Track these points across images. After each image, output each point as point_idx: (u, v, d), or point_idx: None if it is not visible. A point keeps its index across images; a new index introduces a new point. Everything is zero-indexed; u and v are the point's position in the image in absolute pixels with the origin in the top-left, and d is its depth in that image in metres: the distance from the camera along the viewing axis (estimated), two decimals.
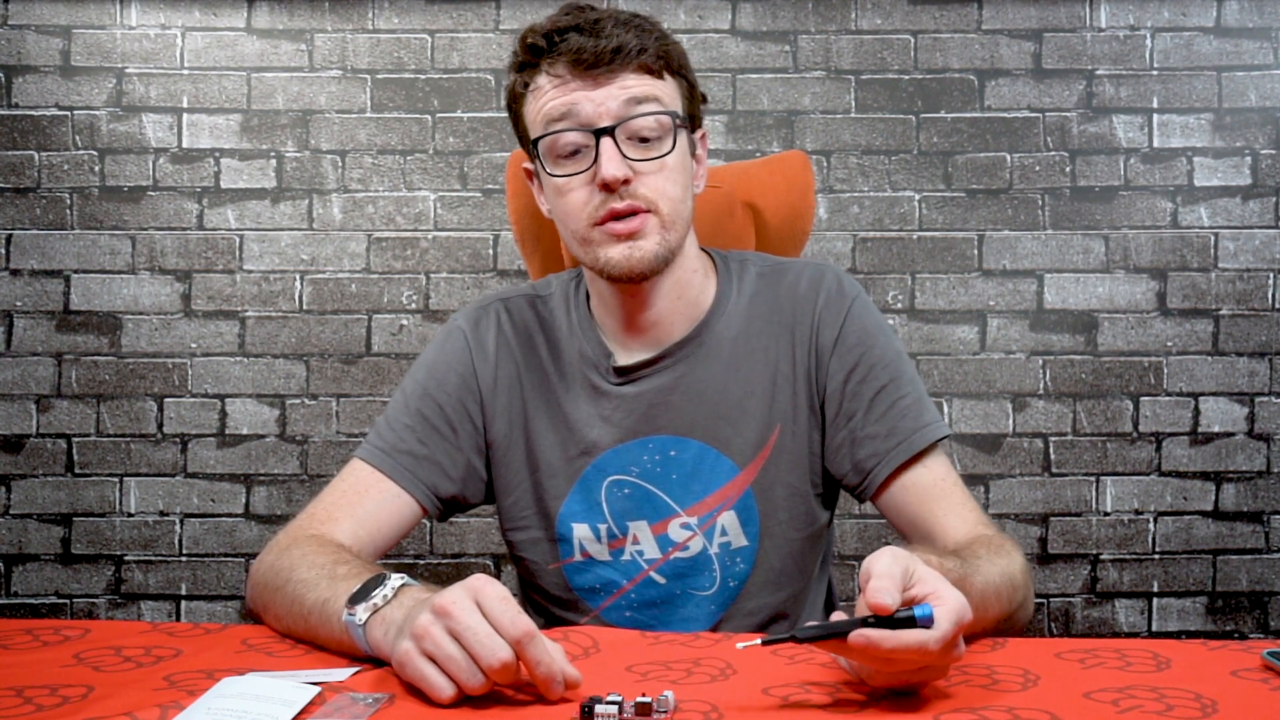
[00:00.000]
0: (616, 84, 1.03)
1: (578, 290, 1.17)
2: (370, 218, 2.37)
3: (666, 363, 1.12)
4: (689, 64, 1.11)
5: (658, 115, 1.04)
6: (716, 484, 1.11)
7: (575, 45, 1.02)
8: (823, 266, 1.15)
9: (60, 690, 0.76)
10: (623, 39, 1.02)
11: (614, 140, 1.02)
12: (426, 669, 0.73)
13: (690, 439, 1.11)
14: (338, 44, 2.37)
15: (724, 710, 0.73)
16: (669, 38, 1.08)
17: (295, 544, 1.00)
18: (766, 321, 1.13)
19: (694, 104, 1.11)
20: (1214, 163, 2.37)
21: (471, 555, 2.38)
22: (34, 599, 2.37)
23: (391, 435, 1.12)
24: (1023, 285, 2.38)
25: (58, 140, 2.36)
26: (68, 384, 2.36)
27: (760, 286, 1.15)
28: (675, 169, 1.06)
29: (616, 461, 1.12)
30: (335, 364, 2.38)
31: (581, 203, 1.04)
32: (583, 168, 1.04)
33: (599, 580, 1.14)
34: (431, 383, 1.14)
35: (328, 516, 1.06)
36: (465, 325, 1.17)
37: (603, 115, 1.02)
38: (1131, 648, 0.87)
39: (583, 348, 1.13)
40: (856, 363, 1.09)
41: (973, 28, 2.37)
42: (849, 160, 2.38)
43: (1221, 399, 2.38)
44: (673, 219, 1.05)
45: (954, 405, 2.38)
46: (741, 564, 1.12)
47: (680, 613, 1.13)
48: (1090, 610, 2.38)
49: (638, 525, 1.12)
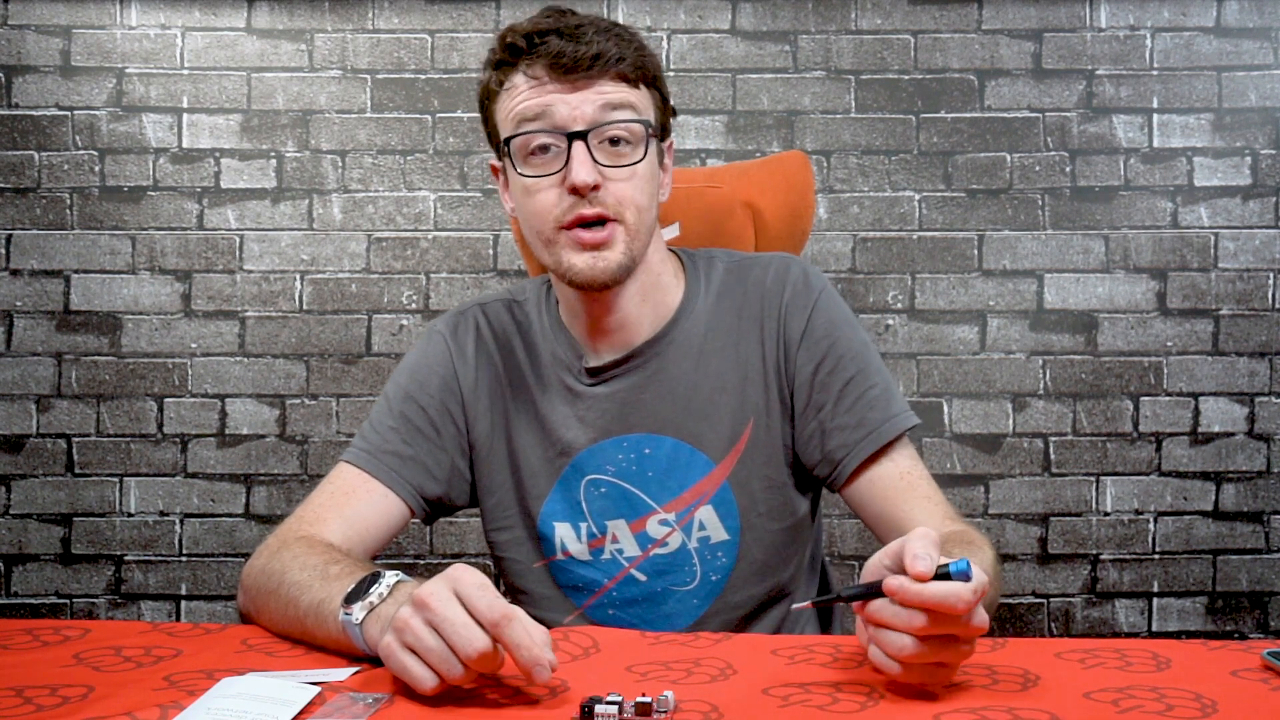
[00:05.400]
0: (593, 89, 1.03)
1: (549, 295, 1.18)
2: (370, 218, 2.37)
3: (636, 362, 1.13)
4: (663, 76, 1.12)
5: (630, 123, 1.04)
6: (692, 479, 1.12)
7: (555, 49, 1.02)
8: (788, 259, 1.16)
9: (60, 690, 0.76)
10: (603, 46, 1.03)
11: (586, 145, 1.02)
12: (408, 661, 0.74)
13: (664, 436, 1.12)
14: (338, 44, 2.37)
15: (724, 710, 0.73)
16: (647, 49, 1.09)
17: (285, 546, 1.00)
18: (735, 316, 1.14)
19: (665, 115, 1.12)
20: (1214, 163, 2.37)
21: (471, 555, 2.38)
22: (34, 599, 2.37)
23: (376, 438, 1.13)
24: (1023, 285, 2.38)
25: (58, 140, 2.36)
26: (68, 384, 2.36)
27: (728, 282, 1.16)
28: (644, 178, 1.07)
29: (592, 461, 1.13)
30: (335, 364, 2.38)
31: (549, 204, 1.04)
32: (553, 170, 1.04)
33: (581, 579, 1.15)
34: (414, 385, 1.15)
35: (316, 518, 1.07)
36: (445, 330, 1.19)
37: (577, 119, 1.03)
38: (1131, 648, 0.87)
39: (555, 350, 1.15)
40: (825, 354, 1.11)
41: (973, 28, 2.37)
42: (849, 160, 2.38)
43: (1221, 399, 2.38)
44: (638, 228, 1.06)
45: (954, 405, 2.38)
46: (723, 558, 1.13)
47: (663, 609, 1.14)
48: (1090, 610, 2.38)
49: (616, 524, 1.13)
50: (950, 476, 2.37)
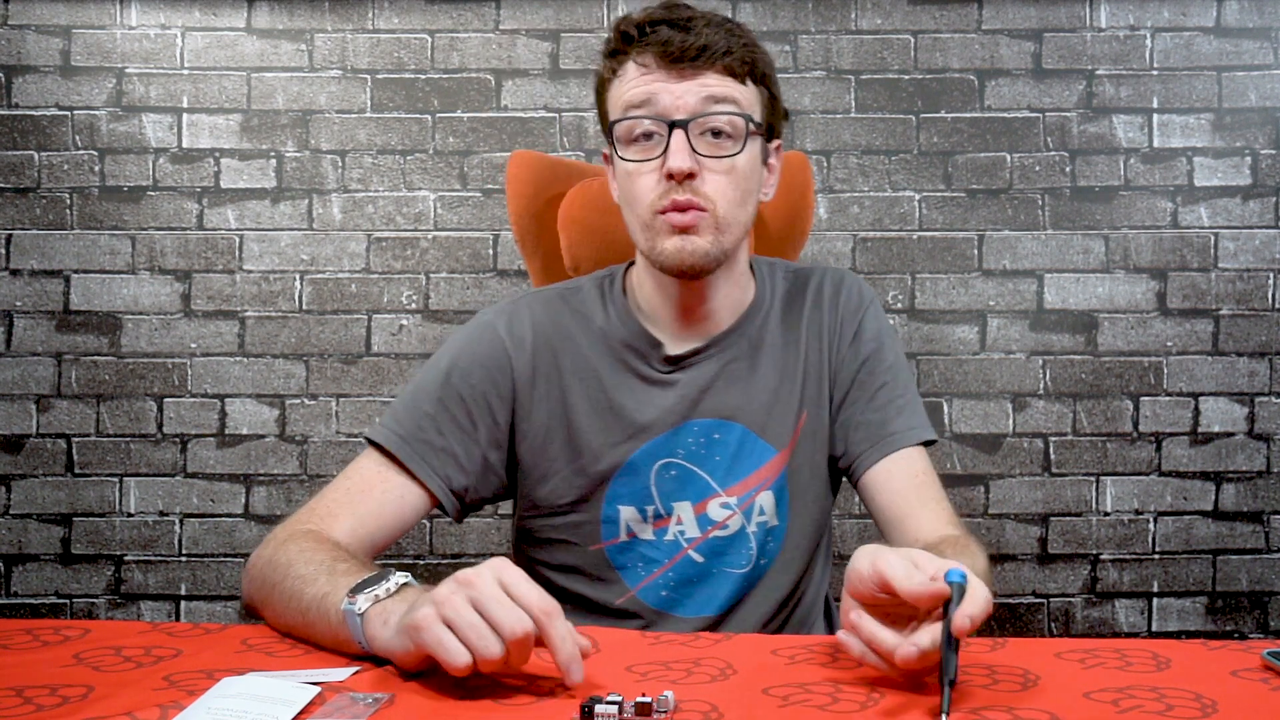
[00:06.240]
0: (698, 81, 1.06)
1: (613, 286, 1.21)
2: (370, 218, 2.37)
3: (713, 351, 1.17)
4: (775, 75, 1.15)
5: (731, 116, 1.07)
6: (757, 465, 1.17)
7: (664, 37, 1.06)
8: (842, 271, 1.25)
9: (60, 690, 0.76)
10: (711, 38, 1.06)
11: (686, 134, 1.05)
12: (444, 635, 0.74)
13: (734, 422, 1.17)
14: (338, 44, 2.37)
15: (724, 710, 0.73)
16: (758, 47, 1.11)
17: (293, 539, 1.00)
18: (797, 316, 1.21)
19: (774, 115, 1.15)
20: (1214, 163, 2.37)
21: (471, 555, 2.38)
22: (34, 599, 2.37)
23: (410, 423, 1.13)
24: (1023, 285, 2.38)
25: (58, 140, 2.36)
26: (68, 384, 2.36)
27: (790, 286, 1.23)
28: (741, 173, 1.09)
29: (667, 445, 1.16)
30: (335, 364, 2.38)
31: (648, 189, 1.08)
32: (653, 155, 1.08)
33: (641, 559, 1.18)
34: (456, 374, 1.15)
35: (328, 512, 1.07)
36: (497, 320, 1.19)
37: (679, 108, 1.06)
38: (1131, 648, 0.87)
39: (626, 338, 1.17)
40: (868, 357, 1.19)
41: (973, 28, 2.37)
42: (849, 160, 2.38)
43: (1221, 399, 2.38)
44: (728, 221, 1.09)
45: (954, 405, 2.38)
46: (772, 542, 1.18)
47: (705, 591, 1.17)
48: (1090, 610, 2.38)
49: (681, 505, 1.17)
50: (950, 476, 2.37)
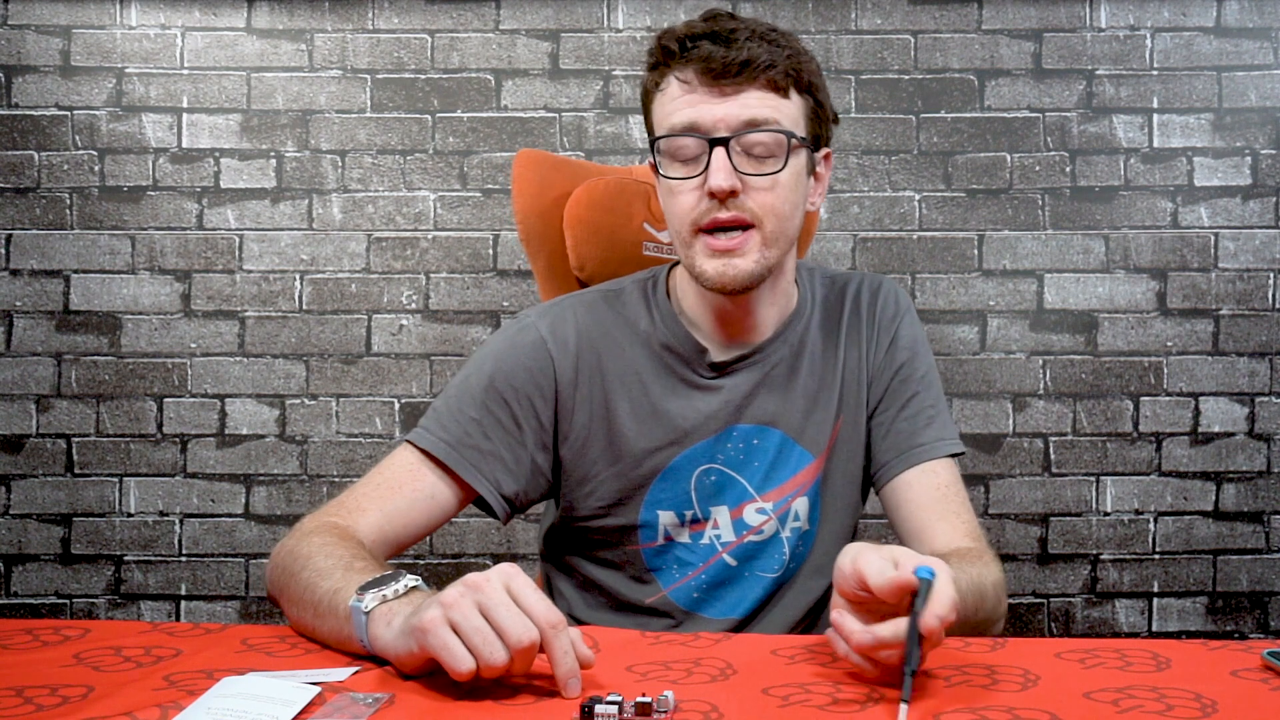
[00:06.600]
0: (739, 99, 1.05)
1: (656, 290, 1.21)
2: (370, 218, 2.37)
3: (757, 358, 1.17)
4: (822, 83, 1.13)
5: (773, 133, 1.06)
6: (794, 471, 1.18)
7: (705, 53, 1.04)
8: (879, 278, 1.25)
9: (60, 690, 0.76)
10: (753, 52, 1.04)
11: (727, 151, 1.04)
12: (450, 640, 0.74)
13: (774, 429, 1.17)
14: (338, 44, 2.37)
15: (724, 710, 0.73)
16: (803, 56, 1.10)
17: (317, 531, 1.01)
18: (835, 323, 1.21)
19: (821, 123, 1.14)
20: (1214, 163, 2.37)
21: (471, 555, 2.38)
22: (34, 599, 2.37)
23: (457, 428, 1.12)
24: (1023, 285, 2.38)
25: (58, 140, 2.36)
26: (68, 384, 2.36)
27: (828, 292, 1.23)
28: (786, 186, 1.08)
29: (709, 450, 1.16)
30: (335, 364, 2.38)
31: (689, 206, 1.07)
32: (694, 173, 1.07)
33: (676, 562, 1.18)
34: (499, 377, 1.14)
35: (357, 506, 1.07)
36: (540, 322, 1.18)
37: (719, 126, 1.05)
38: (1131, 648, 0.87)
39: (670, 343, 1.17)
40: (902, 365, 1.19)
41: (973, 28, 2.37)
42: (849, 160, 2.38)
43: (1221, 399, 2.38)
44: (775, 236, 1.08)
45: (954, 405, 2.38)
46: (804, 547, 1.19)
47: (735, 594, 1.18)
48: (1090, 610, 2.38)
49: (719, 510, 1.18)
50: None
